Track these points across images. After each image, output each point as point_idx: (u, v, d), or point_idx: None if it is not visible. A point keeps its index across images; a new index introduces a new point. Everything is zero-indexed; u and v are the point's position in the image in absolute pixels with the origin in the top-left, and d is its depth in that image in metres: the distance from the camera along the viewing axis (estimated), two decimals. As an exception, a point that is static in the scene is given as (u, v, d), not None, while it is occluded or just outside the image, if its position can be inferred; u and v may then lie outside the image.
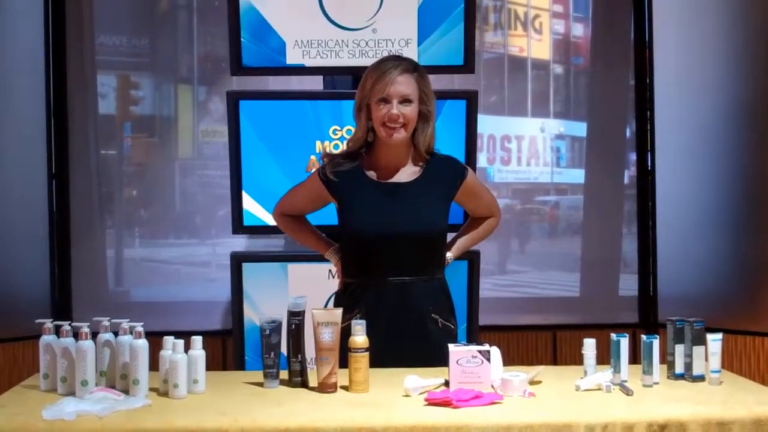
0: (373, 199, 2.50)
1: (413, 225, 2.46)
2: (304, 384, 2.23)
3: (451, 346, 2.18)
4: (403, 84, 2.45)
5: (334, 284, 3.26)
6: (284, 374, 2.27)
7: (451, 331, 2.55)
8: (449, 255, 2.61)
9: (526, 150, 4.40)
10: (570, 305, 4.10)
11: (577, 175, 4.35)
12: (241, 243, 4.04)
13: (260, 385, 2.25)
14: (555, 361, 3.91)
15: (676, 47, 3.98)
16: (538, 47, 4.51)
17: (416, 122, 2.49)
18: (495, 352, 2.24)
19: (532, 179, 4.44)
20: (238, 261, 3.31)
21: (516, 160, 4.41)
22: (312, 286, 3.20)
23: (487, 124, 4.22)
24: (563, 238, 4.29)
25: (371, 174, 2.53)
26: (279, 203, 2.72)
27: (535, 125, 4.41)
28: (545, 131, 4.41)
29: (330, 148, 3.24)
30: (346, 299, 2.54)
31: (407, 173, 2.53)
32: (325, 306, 3.21)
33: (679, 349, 2.30)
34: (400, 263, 2.47)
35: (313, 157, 3.32)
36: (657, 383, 2.25)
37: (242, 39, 3.31)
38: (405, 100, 2.45)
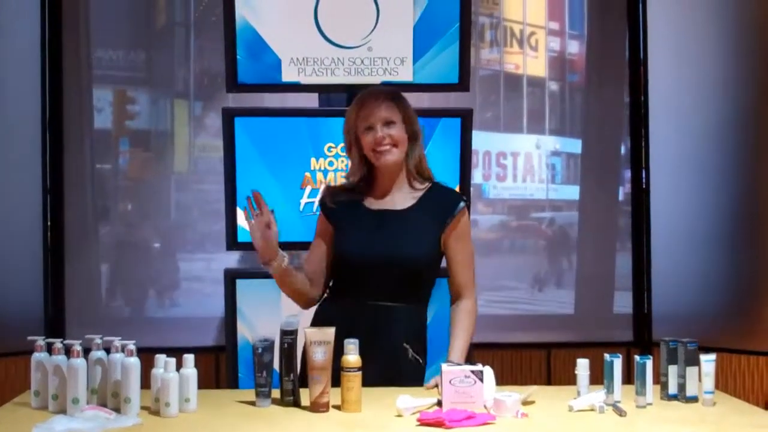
0: (362, 224, 2.51)
1: (397, 252, 2.46)
2: (296, 403, 2.22)
3: (444, 366, 2.17)
4: (384, 109, 2.47)
5: (330, 301, 3.29)
6: (276, 393, 2.26)
7: (419, 366, 2.51)
8: (457, 361, 2.41)
9: (521, 166, 4.40)
10: (564, 323, 4.09)
11: (572, 192, 4.35)
12: (235, 259, 4.04)
13: (252, 403, 2.24)
14: (549, 380, 3.90)
15: (671, 64, 4.00)
16: (533, 64, 4.53)
17: (406, 146, 2.49)
18: (488, 372, 2.24)
19: (528, 196, 4.45)
20: (231, 277, 3.30)
21: (512, 176, 4.42)
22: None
23: (482, 141, 4.23)
24: (558, 255, 4.29)
25: (368, 202, 2.55)
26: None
27: (531, 142, 4.42)
28: (540, 148, 4.42)
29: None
30: (323, 316, 2.54)
31: (403, 199, 2.53)
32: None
33: (673, 370, 2.29)
34: (380, 288, 2.47)
35: (307, 174, 3.32)
36: (650, 404, 2.25)
37: (238, 56, 3.32)
38: (389, 122, 2.47)
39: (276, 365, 2.25)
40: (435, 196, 2.54)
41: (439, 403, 2.17)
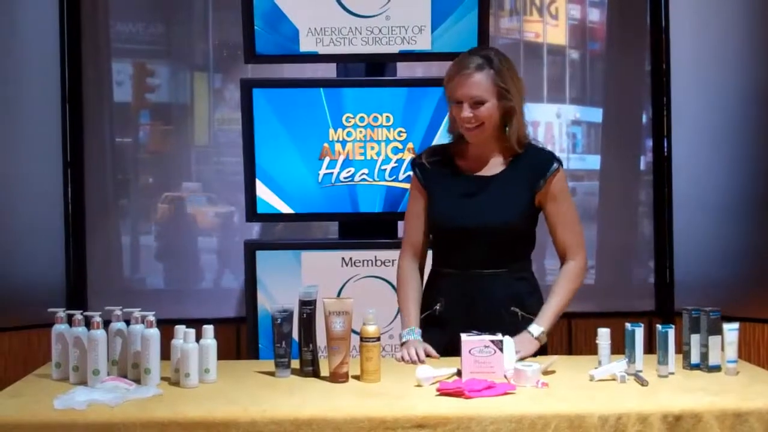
0: (456, 191, 2.48)
1: (492, 218, 2.43)
2: (316, 374, 2.22)
3: (464, 336, 2.16)
4: (473, 85, 2.38)
5: (347, 272, 3.29)
6: (296, 363, 2.26)
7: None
8: (541, 330, 2.41)
9: (541, 136, 4.35)
10: (585, 293, 4.04)
11: (593, 162, 4.30)
12: (255, 230, 4.04)
13: (272, 374, 2.24)
14: (570, 350, 3.88)
15: (693, 31, 3.93)
16: (553, 33, 4.46)
17: (498, 119, 2.43)
18: (508, 342, 2.22)
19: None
20: (251, 249, 3.30)
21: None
22: (325, 274, 3.20)
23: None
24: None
25: (461, 164, 2.51)
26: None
27: (551, 111, 4.37)
28: (561, 117, 4.36)
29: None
30: (431, 287, 2.55)
31: (497, 165, 2.49)
32: (338, 294, 3.22)
33: (695, 339, 2.27)
34: (480, 256, 2.45)
35: (326, 144, 3.31)
36: (672, 373, 2.23)
37: (256, 27, 3.30)
38: (477, 102, 2.39)
39: (295, 335, 2.26)
40: (528, 158, 2.48)
41: (459, 373, 2.17)
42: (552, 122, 4.36)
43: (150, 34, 4.33)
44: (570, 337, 3.90)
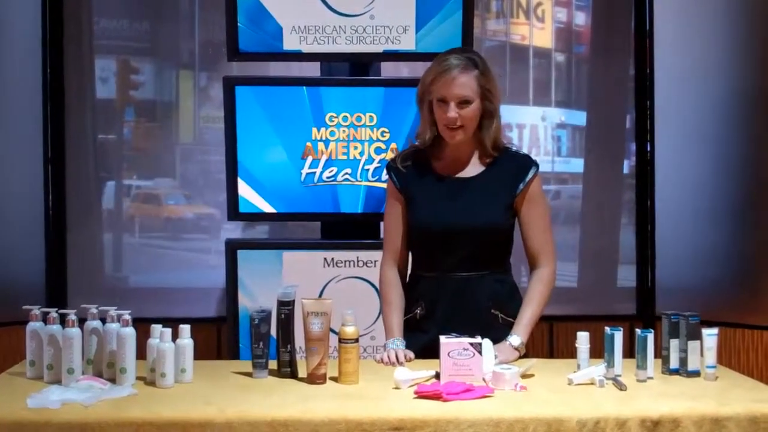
0: (436, 193, 2.47)
1: (472, 221, 2.42)
2: (293, 375, 2.21)
3: (443, 338, 2.15)
4: (461, 85, 2.38)
5: (329, 272, 3.28)
6: (274, 364, 2.24)
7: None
8: (520, 340, 2.41)
9: (527, 139, 4.35)
10: (567, 296, 4.05)
11: (578, 165, 4.29)
12: (238, 229, 4.02)
13: (249, 375, 2.23)
14: (551, 353, 3.87)
15: (676, 36, 3.93)
16: (540, 35, 4.46)
17: (479, 120, 2.42)
18: (487, 345, 2.21)
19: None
20: (233, 248, 3.28)
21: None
22: (307, 274, 3.19)
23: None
24: (563, 228, 4.23)
25: (437, 166, 2.50)
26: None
27: (537, 114, 4.36)
28: (546, 120, 4.36)
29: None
30: (411, 291, 2.53)
31: (473, 166, 2.48)
32: (320, 295, 3.20)
33: (674, 344, 2.27)
34: (460, 259, 2.44)
35: (308, 143, 3.29)
36: (651, 378, 2.22)
37: (239, 24, 3.28)
38: (463, 102, 2.39)
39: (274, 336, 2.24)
40: (506, 161, 2.48)
41: (438, 376, 2.16)
42: (537, 125, 4.36)
43: (135, 30, 4.30)
44: (551, 341, 3.90)
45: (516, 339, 2.40)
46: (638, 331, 2.24)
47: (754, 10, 3.79)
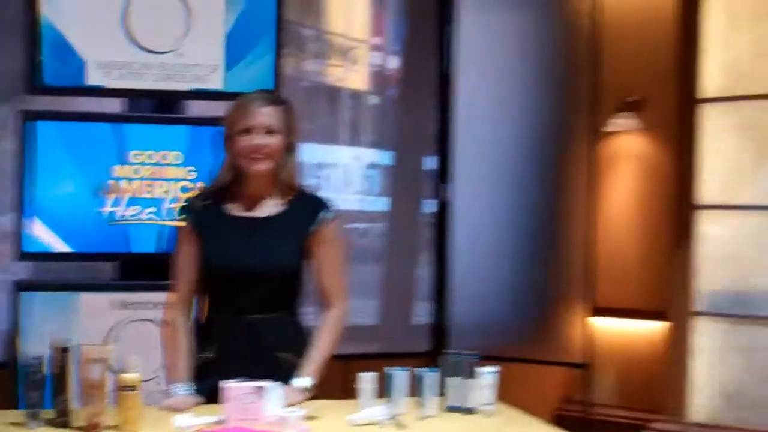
0: (228, 233, 2.45)
1: (264, 261, 2.42)
2: (66, 424, 2.14)
3: (225, 383, 2.15)
4: (267, 114, 2.39)
5: (123, 315, 3.19)
6: (50, 413, 2.16)
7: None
8: (309, 380, 2.43)
9: (339, 178, 4.42)
10: (368, 334, 4.12)
11: (387, 204, 4.41)
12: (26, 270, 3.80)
13: (22, 425, 2.14)
14: (345, 393, 3.87)
15: (479, 80, 4.13)
16: (354, 78, 4.56)
17: (279, 155, 2.44)
18: (274, 388, 2.22)
19: (344, 207, 4.46)
20: (17, 289, 3.14)
21: (329, 188, 4.41)
22: (100, 317, 3.10)
23: (301, 152, 4.20)
24: (368, 267, 4.32)
25: (231, 208, 2.47)
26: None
27: (350, 154, 4.45)
28: (359, 160, 4.46)
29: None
30: (203, 333, 2.49)
31: (270, 207, 2.48)
32: (108, 338, 3.11)
33: (454, 382, 2.36)
34: (251, 300, 2.43)
35: (111, 181, 3.22)
36: (431, 416, 2.31)
37: (40, 57, 3.19)
38: (269, 131, 2.40)
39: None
40: (302, 202, 2.49)
41: (222, 422, 2.15)
42: (350, 165, 4.45)
43: None
44: (347, 380, 3.93)
45: (303, 381, 2.43)
46: (415, 370, 2.32)
47: (551, 53, 4.03)
